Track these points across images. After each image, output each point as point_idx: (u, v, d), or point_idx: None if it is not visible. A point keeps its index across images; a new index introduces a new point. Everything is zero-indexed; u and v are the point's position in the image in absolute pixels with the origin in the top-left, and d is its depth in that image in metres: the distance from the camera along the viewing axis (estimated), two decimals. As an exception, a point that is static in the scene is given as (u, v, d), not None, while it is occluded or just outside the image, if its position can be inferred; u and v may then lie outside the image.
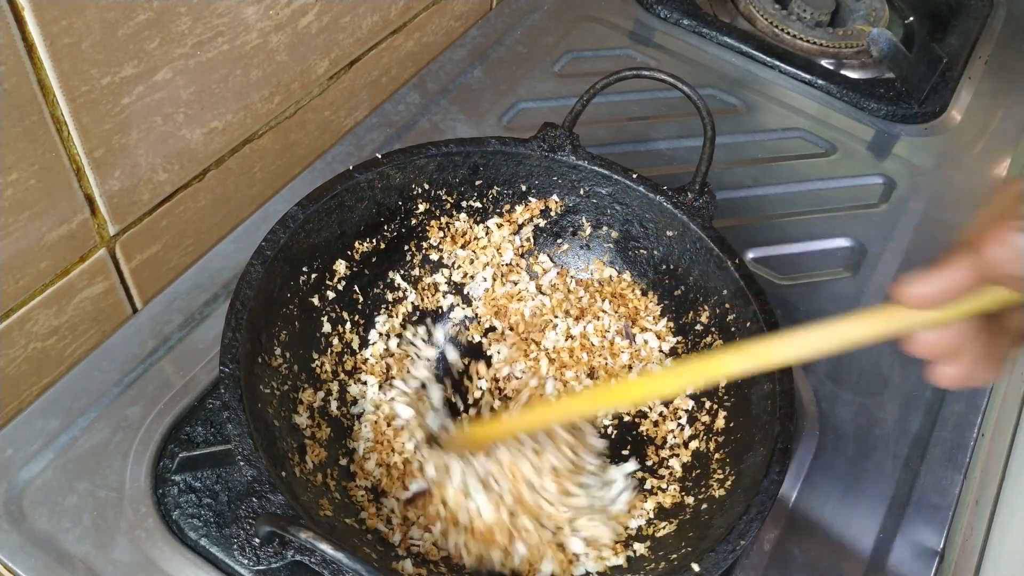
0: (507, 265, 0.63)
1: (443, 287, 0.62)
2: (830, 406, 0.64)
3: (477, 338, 0.62)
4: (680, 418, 0.58)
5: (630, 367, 0.61)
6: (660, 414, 0.59)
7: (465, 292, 0.63)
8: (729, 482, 0.50)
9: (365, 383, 0.57)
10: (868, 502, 0.59)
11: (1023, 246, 0.31)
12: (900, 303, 0.35)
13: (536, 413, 0.54)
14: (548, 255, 0.65)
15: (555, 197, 0.63)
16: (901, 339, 0.36)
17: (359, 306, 0.59)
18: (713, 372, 0.44)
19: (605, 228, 0.64)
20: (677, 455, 0.56)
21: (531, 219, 0.63)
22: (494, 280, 0.63)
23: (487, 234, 0.63)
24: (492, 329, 0.62)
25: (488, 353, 0.62)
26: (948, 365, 0.36)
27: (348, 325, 0.58)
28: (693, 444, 0.56)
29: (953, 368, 0.36)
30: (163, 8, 0.50)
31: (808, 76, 0.89)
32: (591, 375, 0.61)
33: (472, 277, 0.63)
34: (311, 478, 0.50)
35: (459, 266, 0.62)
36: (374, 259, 0.60)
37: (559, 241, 0.65)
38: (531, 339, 0.61)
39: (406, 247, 0.61)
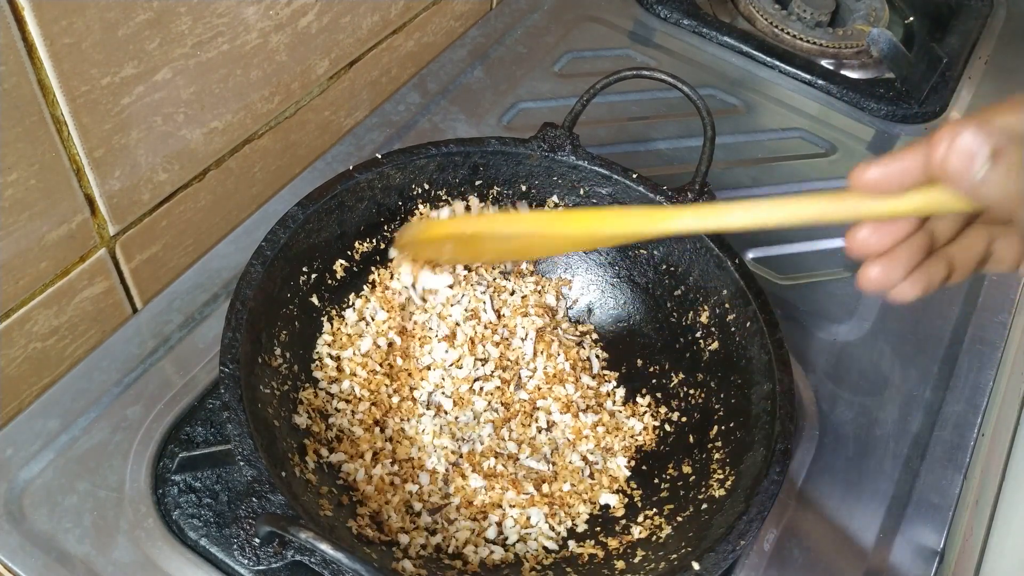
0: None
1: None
2: (830, 406, 0.64)
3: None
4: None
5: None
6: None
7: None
8: (729, 482, 0.50)
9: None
10: (868, 502, 0.59)
11: (968, 144, 0.31)
12: (852, 183, 0.36)
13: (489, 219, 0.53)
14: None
15: (555, 197, 0.63)
16: (845, 229, 0.37)
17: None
18: (664, 224, 0.42)
19: (605, 228, 0.64)
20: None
21: None
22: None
23: None
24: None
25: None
26: (875, 266, 0.37)
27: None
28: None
29: (878, 270, 0.37)
30: (163, 8, 0.50)
31: (808, 76, 0.89)
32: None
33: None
34: (311, 478, 0.50)
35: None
36: (374, 259, 0.60)
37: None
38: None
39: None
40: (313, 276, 0.56)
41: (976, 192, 0.32)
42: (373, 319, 0.59)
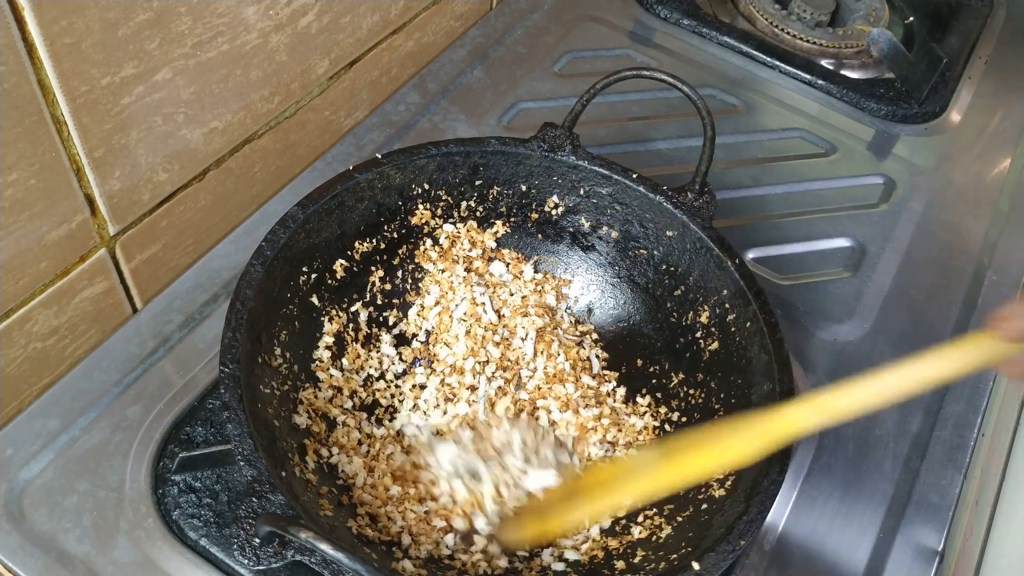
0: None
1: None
2: (830, 406, 0.64)
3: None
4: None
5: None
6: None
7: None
8: (729, 482, 0.50)
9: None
10: (868, 502, 0.59)
11: None
12: (995, 335, 0.37)
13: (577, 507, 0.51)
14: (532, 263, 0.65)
15: (555, 197, 0.63)
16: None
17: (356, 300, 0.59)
18: (788, 430, 0.42)
19: (605, 228, 0.64)
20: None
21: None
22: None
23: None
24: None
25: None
26: None
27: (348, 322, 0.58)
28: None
29: None
30: (163, 8, 0.50)
31: (808, 76, 0.89)
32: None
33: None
34: (311, 478, 0.50)
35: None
36: (374, 259, 0.60)
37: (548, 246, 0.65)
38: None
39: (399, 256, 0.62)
40: (313, 276, 0.56)
41: None
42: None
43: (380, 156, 0.58)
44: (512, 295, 0.63)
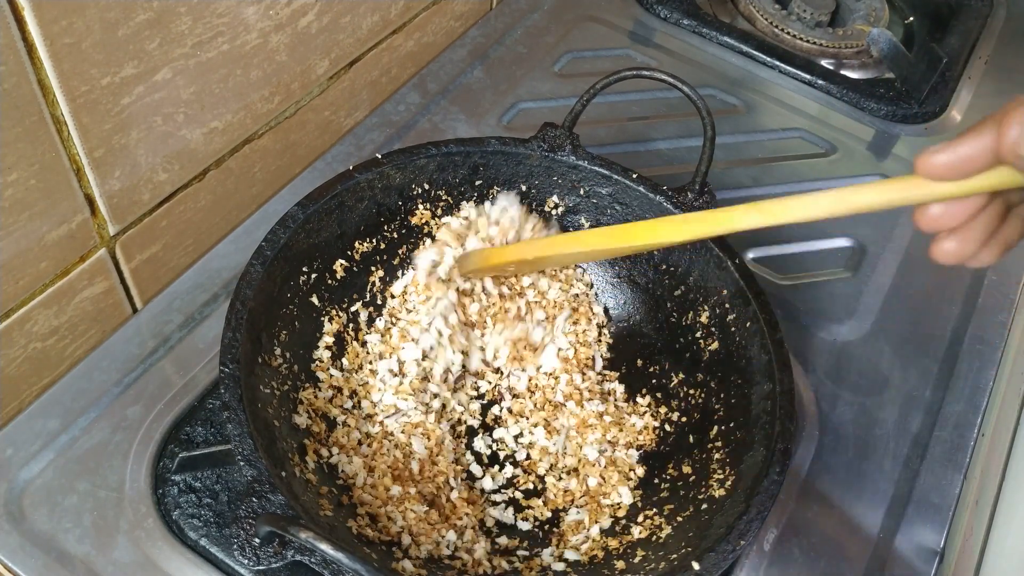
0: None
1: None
2: (830, 406, 0.64)
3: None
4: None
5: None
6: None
7: None
8: (729, 482, 0.50)
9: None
10: (868, 502, 0.59)
11: None
12: (918, 170, 0.35)
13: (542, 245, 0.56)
14: None
15: (555, 197, 0.63)
16: (912, 209, 0.37)
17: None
18: (723, 224, 0.44)
19: (605, 228, 0.64)
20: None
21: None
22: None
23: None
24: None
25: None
26: (950, 240, 0.37)
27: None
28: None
29: (954, 244, 0.37)
30: (163, 8, 0.50)
31: (808, 76, 0.89)
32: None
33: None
34: (311, 478, 0.50)
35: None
36: (374, 259, 0.60)
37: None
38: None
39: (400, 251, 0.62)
40: (313, 276, 0.56)
41: None
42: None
43: (380, 156, 0.58)
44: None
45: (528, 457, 0.58)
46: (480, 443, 0.58)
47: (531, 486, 0.57)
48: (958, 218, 0.36)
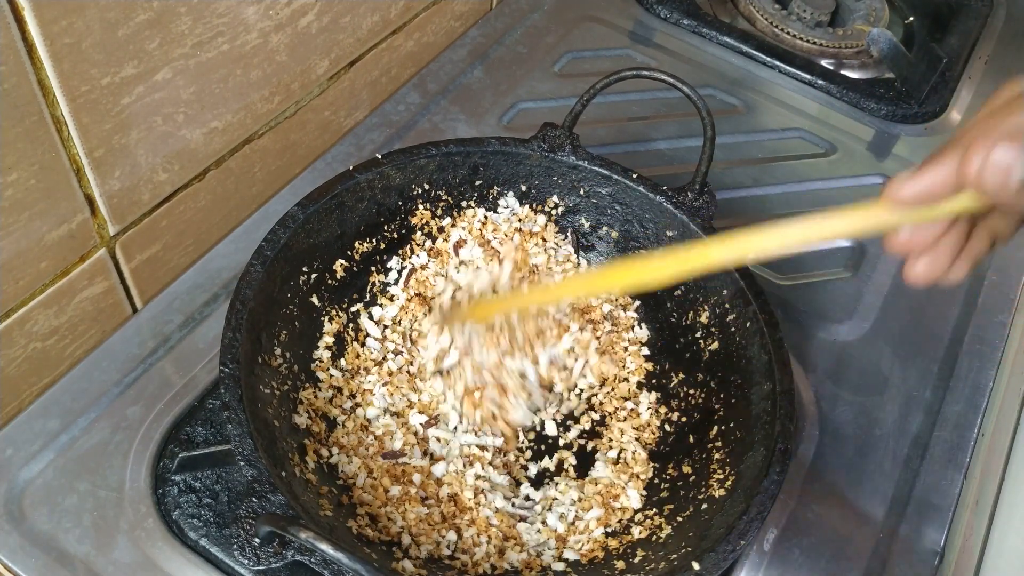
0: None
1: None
2: (830, 406, 0.64)
3: None
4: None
5: None
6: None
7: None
8: (729, 482, 0.50)
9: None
10: (868, 502, 0.59)
11: (1004, 162, 0.32)
12: (887, 199, 0.36)
13: (530, 294, 0.56)
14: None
15: (555, 197, 0.63)
16: (881, 236, 0.38)
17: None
18: (699, 261, 0.43)
19: (605, 228, 0.64)
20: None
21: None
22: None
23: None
24: None
25: None
26: (921, 262, 0.38)
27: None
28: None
29: (924, 265, 0.38)
30: (163, 8, 0.50)
31: (808, 76, 0.89)
32: None
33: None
34: (311, 478, 0.50)
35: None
36: (374, 259, 0.60)
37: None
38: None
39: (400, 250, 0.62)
40: (313, 276, 0.56)
41: (1014, 200, 0.33)
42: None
43: (380, 156, 0.58)
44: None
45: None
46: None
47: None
48: (927, 240, 0.38)
